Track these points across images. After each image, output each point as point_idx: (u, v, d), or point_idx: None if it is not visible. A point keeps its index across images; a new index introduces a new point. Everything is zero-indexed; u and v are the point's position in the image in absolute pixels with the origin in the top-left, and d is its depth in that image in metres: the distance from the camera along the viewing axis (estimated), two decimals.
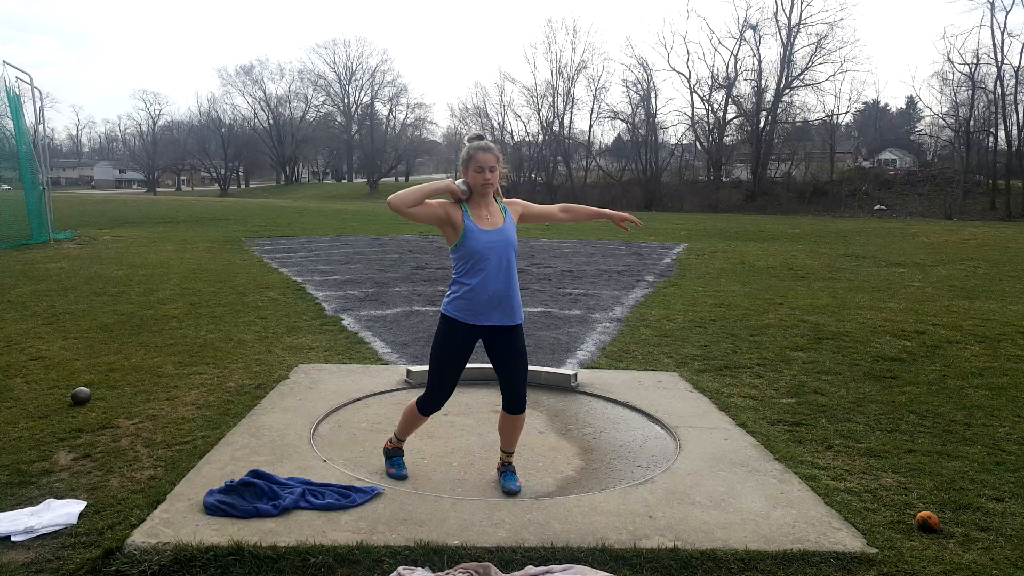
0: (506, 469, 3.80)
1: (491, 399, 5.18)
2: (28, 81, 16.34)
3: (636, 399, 5.20)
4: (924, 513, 3.43)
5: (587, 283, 11.42)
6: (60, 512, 3.36)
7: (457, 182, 3.60)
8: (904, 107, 71.85)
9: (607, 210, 3.87)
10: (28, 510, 3.40)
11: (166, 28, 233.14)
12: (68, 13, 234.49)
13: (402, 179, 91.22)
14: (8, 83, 15.88)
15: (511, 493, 3.65)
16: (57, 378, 5.63)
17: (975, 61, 42.68)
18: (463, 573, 2.81)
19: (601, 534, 3.18)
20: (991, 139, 43.41)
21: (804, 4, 49.59)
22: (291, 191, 77.84)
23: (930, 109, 58.33)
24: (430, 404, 3.78)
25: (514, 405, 3.71)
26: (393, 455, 3.97)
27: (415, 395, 5.19)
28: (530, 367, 5.46)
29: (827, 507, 3.53)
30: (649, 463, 4.14)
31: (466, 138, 3.69)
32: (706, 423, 4.74)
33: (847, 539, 3.21)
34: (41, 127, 18.18)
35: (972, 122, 43.62)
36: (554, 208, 3.91)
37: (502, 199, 3.72)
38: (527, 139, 63.22)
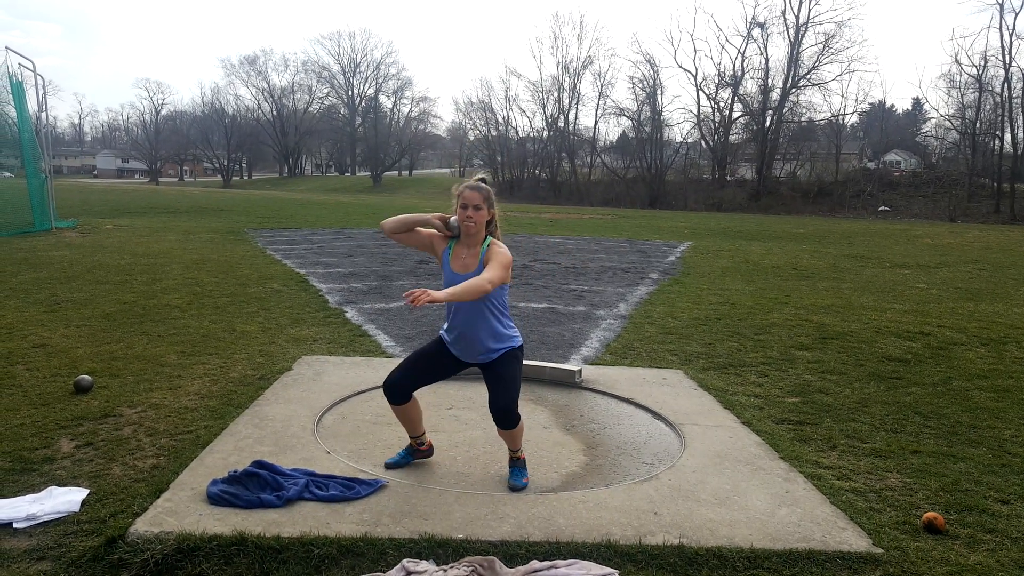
0: (513, 465, 3.77)
1: None
2: (31, 68, 16.30)
3: (641, 396, 5.18)
4: (930, 514, 3.41)
5: (591, 280, 11.40)
6: (62, 499, 3.35)
7: (452, 219, 3.66)
8: (910, 108, 71.80)
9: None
10: (30, 497, 3.39)
11: (170, 17, 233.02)
12: (71, 1, 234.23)
13: (405, 173, 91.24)
14: (11, 70, 15.84)
15: (515, 489, 3.62)
16: (59, 366, 5.61)
17: (983, 63, 42.60)
18: (467, 567, 2.79)
19: (606, 530, 3.17)
20: (997, 142, 43.33)
21: (812, 3, 49.73)
22: (294, 183, 77.82)
23: (936, 111, 58.21)
24: (386, 382, 3.74)
25: (497, 422, 3.63)
26: (405, 447, 3.97)
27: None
28: (535, 362, 5.47)
29: (832, 506, 3.52)
30: (654, 460, 4.12)
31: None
32: (711, 421, 4.72)
33: (853, 539, 3.19)
34: (44, 115, 18.14)
35: (978, 124, 43.49)
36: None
37: (494, 243, 3.65)
38: (532, 135, 63.14)
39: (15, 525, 3.15)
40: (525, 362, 5.18)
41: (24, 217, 16.40)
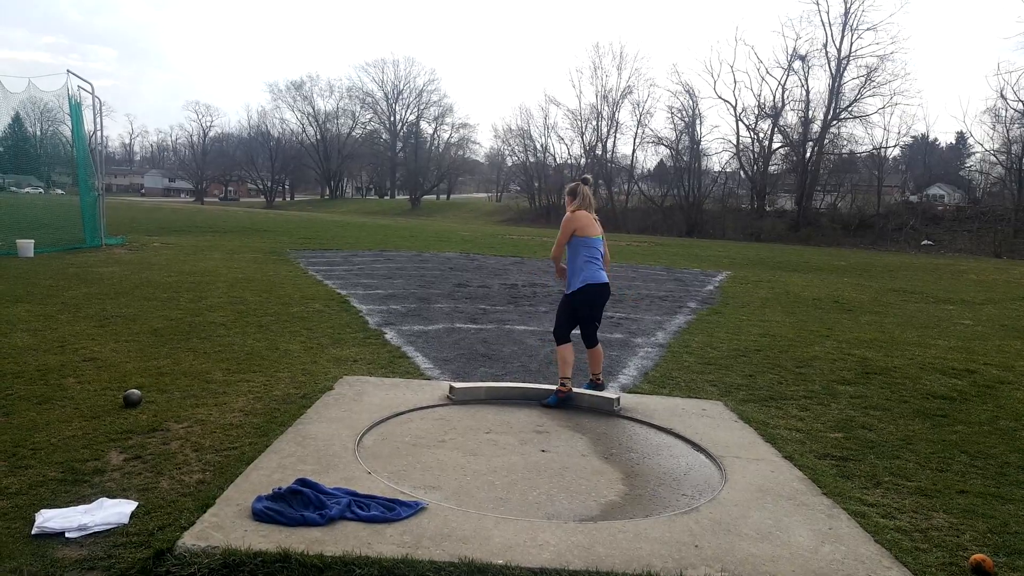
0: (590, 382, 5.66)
1: (532, 419, 5.20)
2: (89, 90, 16.85)
3: (680, 426, 5.15)
4: (978, 556, 3.34)
5: (628, 307, 11.37)
6: (112, 511, 3.44)
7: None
8: (954, 142, 70.66)
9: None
10: (82, 508, 3.48)
11: (221, 43, 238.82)
12: (126, 26, 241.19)
13: (443, 197, 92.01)
14: (70, 91, 16.41)
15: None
16: (109, 379, 5.76)
17: None
18: None
19: (647, 561, 3.15)
20: None
21: (855, 36, 48.90)
22: (335, 205, 78.94)
23: (981, 145, 56.86)
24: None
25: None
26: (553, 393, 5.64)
27: (456, 411, 5.29)
28: (573, 389, 5.51)
29: (877, 545, 3.46)
30: (694, 492, 4.09)
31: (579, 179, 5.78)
32: (752, 454, 4.67)
33: None
34: (99, 134, 18.66)
35: None
36: None
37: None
38: (569, 161, 63.37)
39: (67, 535, 3.23)
40: None
41: (75, 233, 16.89)
